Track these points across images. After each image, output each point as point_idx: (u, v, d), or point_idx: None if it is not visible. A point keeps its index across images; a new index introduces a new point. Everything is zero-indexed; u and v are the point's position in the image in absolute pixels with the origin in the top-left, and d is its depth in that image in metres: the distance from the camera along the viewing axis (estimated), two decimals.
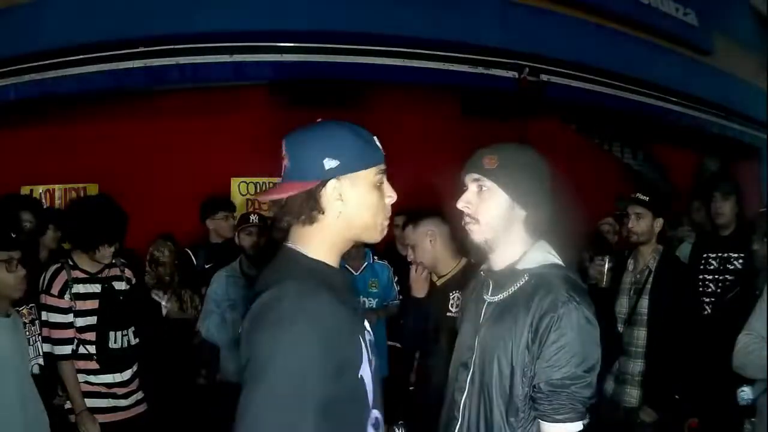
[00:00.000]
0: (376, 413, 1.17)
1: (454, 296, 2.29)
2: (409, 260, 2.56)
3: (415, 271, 2.53)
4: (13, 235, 2.34)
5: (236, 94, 4.82)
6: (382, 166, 1.20)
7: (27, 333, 2.55)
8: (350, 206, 1.17)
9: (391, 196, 1.23)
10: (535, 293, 1.31)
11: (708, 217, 3.47)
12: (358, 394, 1.13)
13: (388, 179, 1.23)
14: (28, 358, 2.43)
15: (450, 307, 2.30)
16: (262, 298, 1.08)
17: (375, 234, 1.22)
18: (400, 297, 3.63)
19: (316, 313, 1.06)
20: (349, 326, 1.13)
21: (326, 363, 1.05)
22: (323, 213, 1.16)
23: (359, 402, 1.14)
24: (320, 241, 1.19)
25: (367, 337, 1.19)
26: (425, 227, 2.44)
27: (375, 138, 1.21)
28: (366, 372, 1.15)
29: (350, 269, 3.47)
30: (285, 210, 1.17)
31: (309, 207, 1.15)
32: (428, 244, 2.44)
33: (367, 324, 1.22)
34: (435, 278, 2.51)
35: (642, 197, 2.91)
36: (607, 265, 3.19)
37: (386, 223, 1.23)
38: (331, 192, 1.15)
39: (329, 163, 1.14)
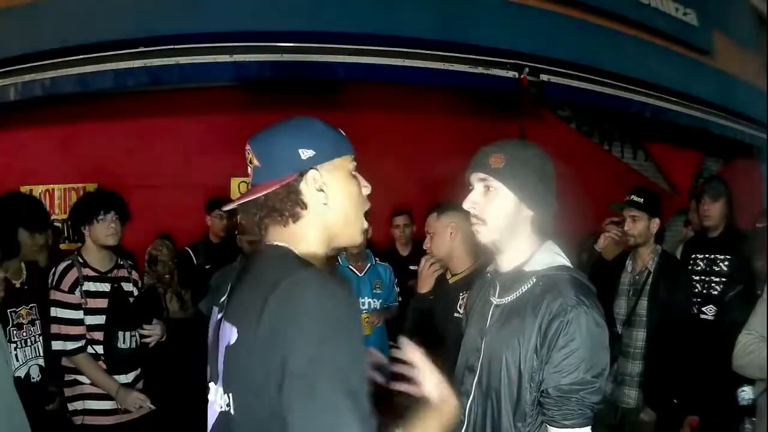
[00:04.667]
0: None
1: (464, 297, 2.23)
2: (424, 248, 2.48)
3: (425, 265, 2.46)
4: None
5: (236, 93, 4.82)
6: (354, 155, 1.15)
7: (25, 334, 2.55)
8: (333, 197, 1.10)
9: (366, 187, 1.17)
10: (543, 296, 1.30)
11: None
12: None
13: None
14: (12, 366, 2.37)
15: (458, 308, 2.26)
16: (281, 290, 0.93)
17: (356, 233, 1.15)
18: (400, 299, 3.63)
19: (347, 297, 0.97)
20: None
21: (362, 356, 0.96)
22: (306, 208, 1.09)
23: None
24: (301, 243, 1.09)
25: None
26: (448, 218, 2.36)
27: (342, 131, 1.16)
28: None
29: (354, 270, 3.47)
30: (264, 211, 1.09)
31: (290, 202, 1.07)
32: (447, 236, 2.37)
33: None
34: (448, 275, 2.45)
35: (636, 199, 2.92)
36: (617, 237, 3.19)
37: (366, 223, 1.17)
38: (311, 183, 1.08)
39: (305, 153, 1.07)
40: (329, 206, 1.10)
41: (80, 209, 2.77)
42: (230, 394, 1.03)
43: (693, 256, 3.38)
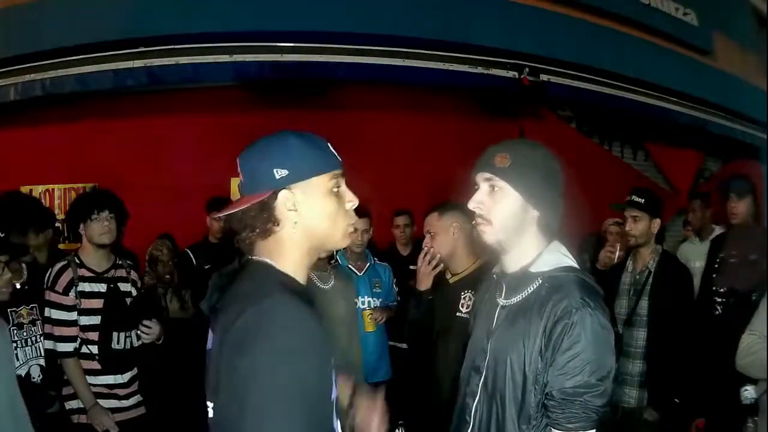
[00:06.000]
0: None
1: (466, 296, 2.23)
2: (424, 246, 2.44)
3: (425, 262, 2.40)
4: (2, 234, 2.30)
5: (236, 93, 4.81)
6: (338, 172, 1.17)
7: (25, 334, 2.55)
8: (305, 215, 1.14)
9: (351, 201, 1.20)
10: (548, 298, 1.28)
11: (707, 217, 3.49)
12: (329, 422, 1.08)
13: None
14: (15, 364, 2.37)
15: (461, 308, 2.24)
16: (247, 315, 1.02)
17: (338, 240, 1.19)
18: (399, 299, 3.63)
19: (308, 328, 1.03)
20: (327, 345, 1.08)
21: (318, 381, 1.02)
22: (278, 225, 1.13)
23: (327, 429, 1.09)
24: (284, 255, 1.15)
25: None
26: (451, 218, 2.34)
27: (329, 144, 1.19)
28: (334, 395, 1.10)
29: (354, 270, 3.46)
30: (241, 225, 1.15)
31: (263, 219, 1.12)
32: (451, 235, 2.34)
33: None
34: (448, 275, 2.43)
35: (637, 200, 2.91)
36: (618, 253, 3.24)
37: (350, 228, 1.21)
38: (283, 202, 1.13)
39: (279, 173, 1.11)
40: (300, 224, 1.14)
41: (75, 209, 2.76)
42: (210, 400, 1.11)
43: (720, 255, 3.30)
